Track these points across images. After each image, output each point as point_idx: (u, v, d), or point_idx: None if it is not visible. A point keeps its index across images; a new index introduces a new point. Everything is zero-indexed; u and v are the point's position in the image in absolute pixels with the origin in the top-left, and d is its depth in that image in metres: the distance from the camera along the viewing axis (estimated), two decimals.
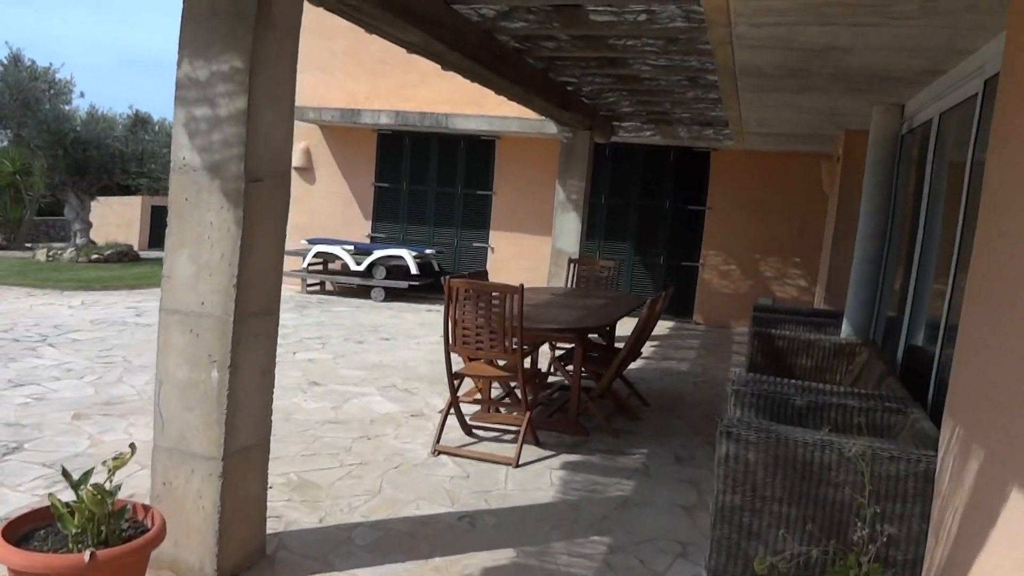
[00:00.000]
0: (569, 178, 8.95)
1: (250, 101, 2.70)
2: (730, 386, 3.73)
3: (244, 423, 2.82)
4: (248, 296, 2.83)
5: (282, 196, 2.99)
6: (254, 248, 2.81)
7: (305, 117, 11.53)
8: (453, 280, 4.63)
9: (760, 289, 10.63)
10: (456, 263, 11.87)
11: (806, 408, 3.56)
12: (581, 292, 6.95)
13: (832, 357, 5.33)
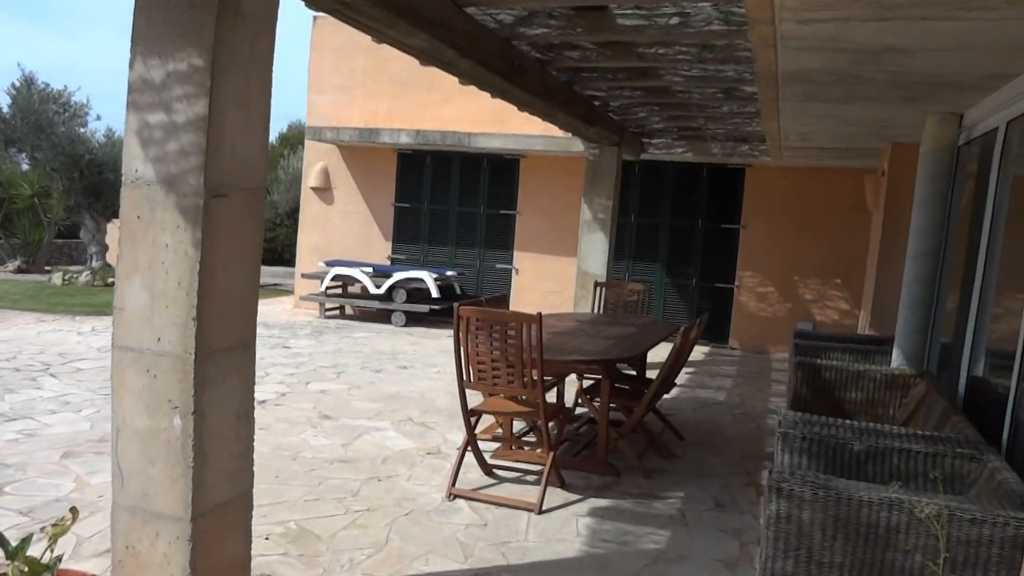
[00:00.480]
0: (595, 196, 8.65)
1: (212, 105, 2.37)
2: (777, 428, 3.37)
3: (217, 476, 2.52)
4: (212, 330, 2.51)
5: (253, 215, 2.66)
6: (216, 274, 2.49)
7: (322, 137, 11.41)
8: (463, 308, 4.34)
9: (799, 312, 10.19)
10: (479, 286, 11.61)
11: (865, 454, 3.19)
12: (609, 318, 6.61)
13: (884, 389, 4.94)
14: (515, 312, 4.37)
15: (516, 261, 11.40)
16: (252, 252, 2.70)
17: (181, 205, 2.36)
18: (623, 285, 7.43)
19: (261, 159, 2.69)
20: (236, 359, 2.61)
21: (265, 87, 2.63)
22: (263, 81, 2.60)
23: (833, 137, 7.28)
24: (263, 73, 2.61)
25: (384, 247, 12.01)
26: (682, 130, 9.15)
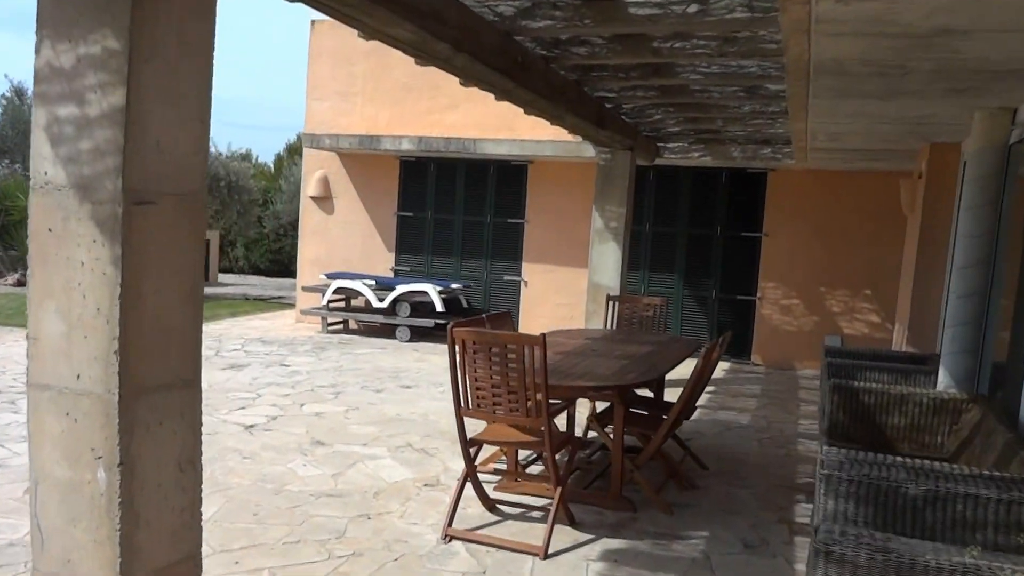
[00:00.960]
0: (607, 204, 8.27)
1: (131, 95, 2.01)
2: (819, 468, 2.96)
3: (153, 538, 2.15)
4: (142, 364, 2.12)
5: (190, 225, 2.25)
6: (145, 297, 2.10)
7: (321, 145, 11.11)
8: (459, 330, 3.97)
9: (826, 326, 9.74)
10: (486, 298, 11.24)
11: (923, 499, 2.77)
12: (623, 335, 6.22)
13: (931, 415, 4.51)
14: (516, 333, 4.00)
15: (525, 273, 11.02)
16: (190, 269, 2.29)
17: (97, 214, 1.99)
18: (638, 299, 7.03)
19: (197, 160, 2.29)
20: (175, 399, 2.23)
21: (200, 78, 2.25)
22: (198, 71, 2.22)
23: (865, 138, 6.87)
24: (197, 62, 2.23)
25: (387, 258, 11.67)
26: (699, 133, 8.77)
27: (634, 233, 10.43)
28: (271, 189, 22.46)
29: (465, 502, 4.32)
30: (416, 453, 5.45)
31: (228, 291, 17.25)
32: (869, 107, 5.48)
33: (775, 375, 9.50)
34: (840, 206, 9.69)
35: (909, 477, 2.81)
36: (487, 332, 4.01)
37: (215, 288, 17.80)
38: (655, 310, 6.78)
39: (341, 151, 11.40)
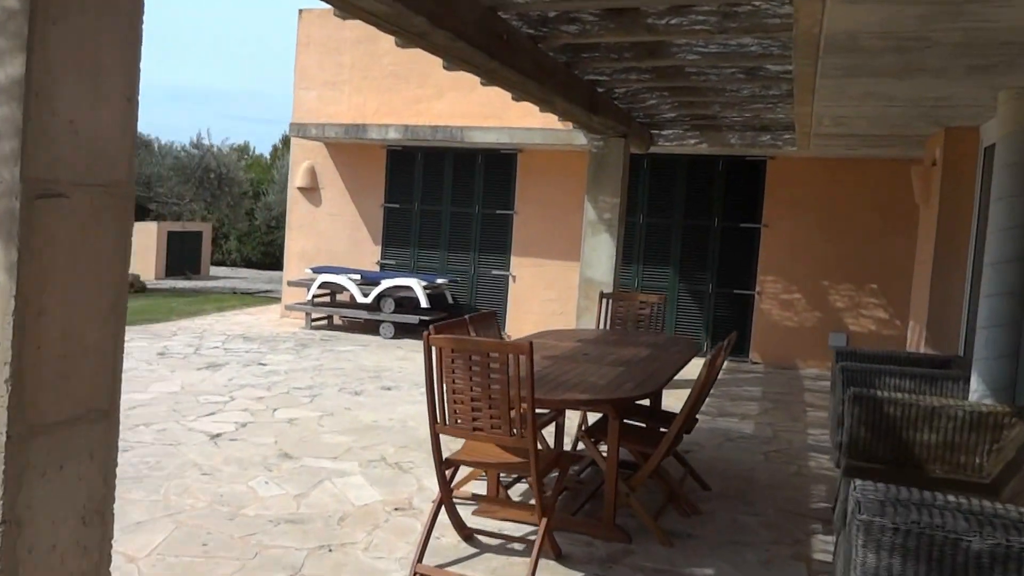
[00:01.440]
0: (600, 194, 7.68)
1: (33, 64, 1.58)
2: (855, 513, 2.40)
3: None
4: (42, 395, 1.66)
5: (113, 223, 1.81)
6: (48, 312, 1.65)
7: (307, 134, 10.50)
8: (435, 337, 3.40)
9: (830, 323, 9.19)
10: (473, 294, 10.66)
11: (989, 557, 2.21)
12: (617, 336, 5.65)
13: (968, 431, 3.95)
14: (499, 341, 3.44)
15: (513, 267, 10.44)
16: (112, 277, 1.85)
17: None
18: (634, 296, 6.46)
19: (123, 145, 1.84)
20: (83, 435, 1.76)
21: (126, 46, 1.80)
22: (122, 37, 1.78)
23: (873, 122, 6.30)
24: (121, 25, 1.77)
25: (373, 251, 11.08)
26: (695, 119, 8.18)
27: (628, 225, 9.85)
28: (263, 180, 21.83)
29: (439, 529, 3.77)
30: (389, 469, 4.88)
31: (218, 285, 16.66)
32: (882, 87, 4.91)
33: (776, 375, 8.95)
34: (844, 195, 9.12)
35: (971, 527, 2.25)
36: (466, 339, 3.45)
37: (205, 282, 17.21)
38: (652, 308, 6.22)
39: (328, 140, 10.79)
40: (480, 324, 5.08)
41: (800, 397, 7.86)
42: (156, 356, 8.05)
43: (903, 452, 4.09)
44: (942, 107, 5.49)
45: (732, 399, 7.59)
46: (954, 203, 6.37)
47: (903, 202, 8.78)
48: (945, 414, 4.02)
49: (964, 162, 6.30)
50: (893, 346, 8.89)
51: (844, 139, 7.50)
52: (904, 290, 8.84)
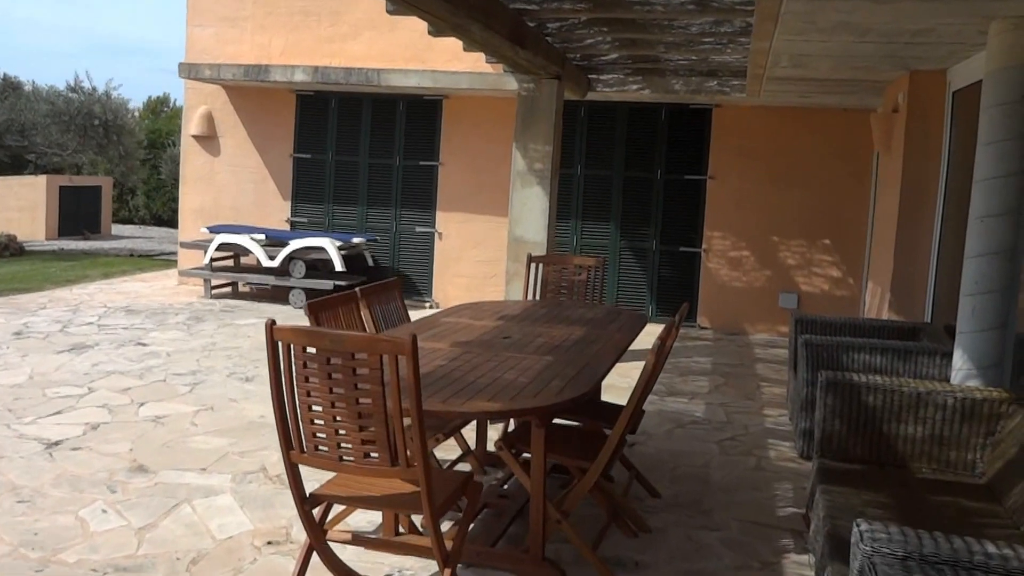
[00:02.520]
0: (531, 142, 6.82)
1: None
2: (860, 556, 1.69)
3: None
4: None
5: None
6: None
7: (200, 75, 9.27)
8: (280, 329, 2.56)
9: (780, 282, 8.63)
10: (395, 254, 9.74)
11: None
12: (548, 310, 4.87)
13: (959, 422, 3.37)
14: (368, 336, 2.62)
15: (439, 223, 9.54)
16: None
17: None
18: (568, 259, 5.68)
19: None
20: None
21: None
22: None
23: (837, 62, 5.59)
24: None
25: (282, 208, 10.01)
26: (638, 61, 7.36)
27: (564, 177, 9.04)
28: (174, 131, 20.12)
29: (316, 572, 2.97)
30: (268, 484, 4.04)
31: (118, 245, 15.25)
32: (858, 16, 4.17)
33: (725, 342, 8.38)
34: (794, 146, 8.48)
35: None
36: (323, 332, 2.60)
37: (104, 242, 15.75)
38: (589, 273, 5.45)
39: (226, 83, 9.57)
40: (378, 295, 4.24)
41: (752, 369, 7.28)
42: (11, 336, 6.94)
43: (884, 448, 3.48)
44: (917, 43, 4.80)
45: (681, 373, 6.96)
46: (920, 152, 5.76)
47: (856, 153, 8.21)
48: (932, 402, 3.41)
49: (931, 108, 5.68)
50: (847, 307, 8.42)
51: (799, 84, 6.80)
52: (858, 247, 8.33)
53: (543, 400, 2.79)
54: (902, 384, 3.51)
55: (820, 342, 4.69)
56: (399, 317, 4.53)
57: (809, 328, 5.43)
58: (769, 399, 6.30)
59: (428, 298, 9.62)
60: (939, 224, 5.70)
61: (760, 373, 7.16)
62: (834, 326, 5.51)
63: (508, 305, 5.11)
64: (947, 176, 5.63)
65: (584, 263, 5.49)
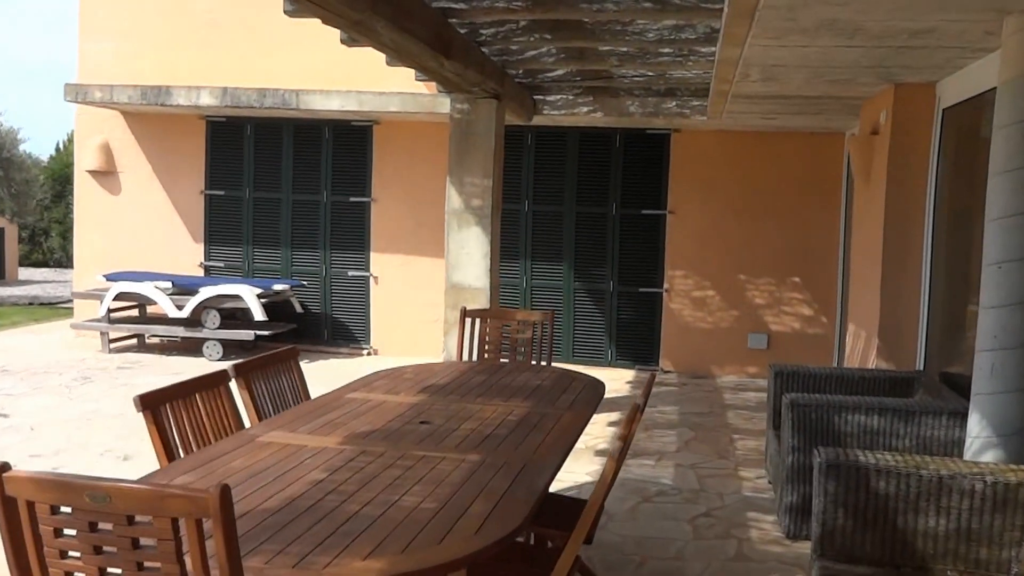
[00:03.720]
0: (467, 175, 6.00)
1: None
2: None
3: None
4: None
5: None
6: None
7: (90, 98, 8.26)
8: (12, 476, 1.61)
9: (749, 322, 7.91)
10: (326, 299, 8.76)
11: None
12: (484, 377, 3.99)
13: (991, 512, 2.60)
14: (153, 489, 1.67)
15: (374, 266, 8.62)
16: None
17: None
18: (510, 314, 4.81)
19: None
20: None
21: None
22: None
23: (812, 74, 4.91)
24: None
25: (195, 251, 8.97)
26: (587, 77, 6.63)
27: (511, 213, 8.24)
28: None
29: None
30: None
31: (20, 292, 13.93)
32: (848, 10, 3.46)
33: (691, 387, 7.58)
34: (758, 174, 7.83)
35: None
36: (82, 485, 1.63)
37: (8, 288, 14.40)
38: (535, 330, 4.59)
39: (121, 108, 8.56)
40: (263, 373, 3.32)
41: (723, 418, 6.49)
42: None
43: (900, 547, 2.71)
44: (911, 48, 4.13)
45: (644, 427, 6.12)
46: (905, 179, 5.10)
47: (824, 182, 7.60)
48: (957, 488, 2.66)
49: (917, 127, 5.03)
50: (820, 347, 7.73)
51: (764, 104, 6.13)
52: (829, 282, 7.68)
53: (452, 550, 1.87)
54: (919, 465, 2.73)
55: (808, 402, 3.92)
56: (295, 395, 3.62)
57: (791, 382, 4.67)
58: (744, 456, 5.51)
59: (366, 345, 8.65)
60: (928, 260, 5.03)
61: (732, 423, 6.37)
62: (818, 379, 4.76)
63: (437, 370, 4.21)
64: (935, 206, 4.98)
65: (529, 318, 4.63)
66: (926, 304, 5.07)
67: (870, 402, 3.96)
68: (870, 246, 5.53)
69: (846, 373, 4.83)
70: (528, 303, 8.28)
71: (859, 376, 4.76)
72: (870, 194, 5.53)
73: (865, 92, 5.43)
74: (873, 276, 5.42)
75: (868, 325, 5.58)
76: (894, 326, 5.22)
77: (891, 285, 5.20)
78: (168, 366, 7.86)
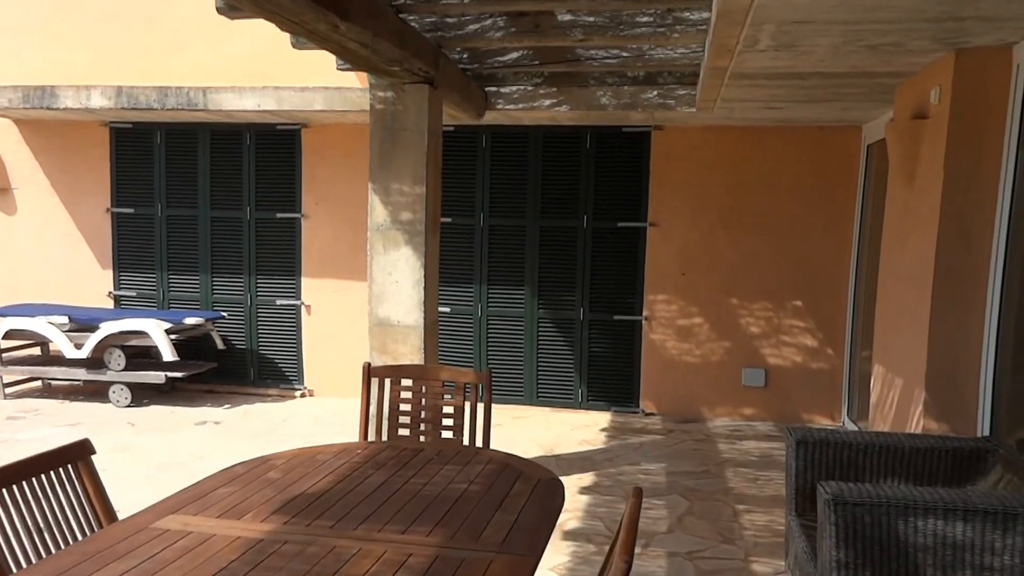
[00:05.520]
0: (394, 181, 4.47)
1: None
2: None
3: None
4: None
5: None
6: None
7: None
8: None
9: (743, 355, 6.40)
10: (252, 333, 7.16)
11: None
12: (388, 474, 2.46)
13: None
14: None
15: (306, 293, 7.04)
16: None
17: None
18: (431, 372, 3.24)
19: None
20: None
21: None
22: None
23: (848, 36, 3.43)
24: None
25: (103, 279, 7.35)
26: (547, 60, 5.11)
27: (463, 228, 6.72)
28: None
29: None
30: None
31: None
32: None
33: (678, 434, 6.05)
34: (756, 179, 6.35)
35: None
36: None
37: None
38: (465, 394, 3.04)
39: (2, 112, 6.94)
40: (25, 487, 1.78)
41: (722, 479, 4.97)
42: None
43: None
44: None
45: (623, 493, 4.59)
46: (968, 176, 3.63)
47: (837, 189, 6.15)
48: None
49: (986, 105, 3.57)
50: (826, 384, 6.26)
51: (772, 86, 4.66)
52: (837, 307, 6.21)
53: None
54: None
55: (859, 499, 2.48)
56: (78, 519, 2.11)
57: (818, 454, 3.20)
58: (755, 539, 4.02)
59: (299, 386, 7.07)
60: (997, 286, 3.56)
61: (734, 487, 4.85)
62: (855, 450, 3.30)
63: (322, 461, 2.65)
64: (1010, 213, 3.52)
65: (459, 378, 3.08)
66: (993, 346, 3.61)
67: (949, 500, 2.50)
68: (913, 266, 4.05)
69: (891, 442, 3.33)
70: (483, 337, 6.74)
71: (909, 446, 3.28)
72: (916, 197, 4.06)
73: (910, 66, 3.96)
74: (917, 306, 3.94)
75: (907, 370, 4.09)
76: (947, 374, 3.74)
77: (945, 319, 3.72)
78: (68, 415, 6.28)
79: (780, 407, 6.31)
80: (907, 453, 3.27)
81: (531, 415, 6.48)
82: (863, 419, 5.78)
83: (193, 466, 5.03)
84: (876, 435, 3.38)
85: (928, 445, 3.27)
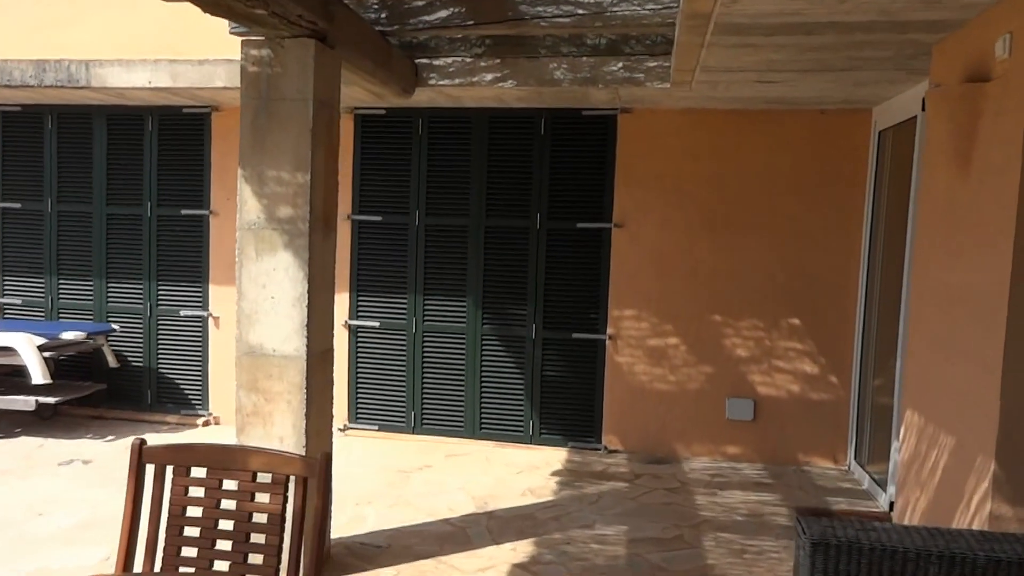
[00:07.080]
0: (269, 166, 3.23)
1: None
2: None
3: None
4: None
5: None
6: None
7: None
8: None
9: (727, 382, 5.19)
10: (151, 349, 5.87)
11: None
12: None
13: None
14: None
15: (213, 302, 5.77)
16: None
17: None
18: (239, 456, 1.99)
19: None
20: None
21: None
22: None
23: None
24: None
25: None
26: (484, 22, 3.87)
27: (396, 228, 5.51)
28: None
29: None
30: None
31: None
32: None
33: (647, 480, 4.82)
34: (743, 172, 5.14)
35: None
36: None
37: None
38: (286, 494, 1.79)
39: None
40: None
41: (700, 554, 3.72)
42: None
43: None
44: None
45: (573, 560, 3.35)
46: None
47: (841, 183, 4.95)
48: None
49: None
50: (828, 417, 5.06)
51: (769, 47, 3.46)
52: (842, 327, 5.01)
53: None
54: None
55: None
56: None
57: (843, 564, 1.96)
58: None
59: (203, 412, 5.80)
60: None
61: (714, 563, 3.59)
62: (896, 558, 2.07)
63: None
64: None
65: (280, 468, 1.84)
66: None
67: None
68: (971, 285, 2.85)
69: (952, 546, 2.10)
70: (418, 355, 5.50)
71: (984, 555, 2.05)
72: (974, 190, 2.86)
73: (963, 9, 2.76)
74: (980, 342, 2.75)
75: (963, 427, 2.89)
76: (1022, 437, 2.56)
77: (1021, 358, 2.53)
78: None
79: (772, 446, 5.12)
80: (981, 567, 2.07)
81: (470, 452, 5.24)
82: (874, 463, 4.59)
83: (22, 528, 3.78)
84: (932, 534, 2.16)
85: (1009, 557, 2.06)
